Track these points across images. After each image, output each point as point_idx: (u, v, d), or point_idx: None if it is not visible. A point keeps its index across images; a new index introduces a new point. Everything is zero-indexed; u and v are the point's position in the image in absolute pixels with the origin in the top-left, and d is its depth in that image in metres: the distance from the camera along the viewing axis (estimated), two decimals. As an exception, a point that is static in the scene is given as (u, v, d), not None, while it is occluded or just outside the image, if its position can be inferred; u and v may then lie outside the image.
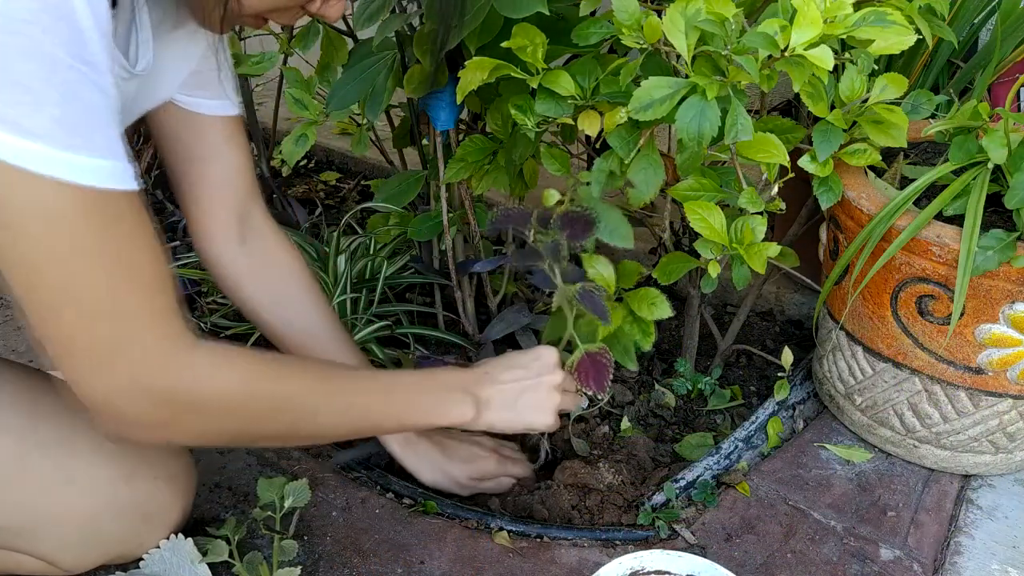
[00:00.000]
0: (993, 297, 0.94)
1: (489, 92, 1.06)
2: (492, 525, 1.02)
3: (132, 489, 0.87)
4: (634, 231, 0.97)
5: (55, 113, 0.57)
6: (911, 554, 1.00)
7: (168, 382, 0.68)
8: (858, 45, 0.88)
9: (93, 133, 0.60)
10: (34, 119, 0.56)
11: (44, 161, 0.57)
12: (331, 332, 1.02)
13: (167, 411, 0.69)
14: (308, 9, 0.73)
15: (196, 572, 0.89)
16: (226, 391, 0.73)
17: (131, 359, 0.66)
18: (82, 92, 0.58)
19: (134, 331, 0.66)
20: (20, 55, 0.54)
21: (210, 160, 0.92)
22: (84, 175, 0.59)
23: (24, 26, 0.54)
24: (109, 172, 0.61)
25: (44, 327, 0.64)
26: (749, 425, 1.15)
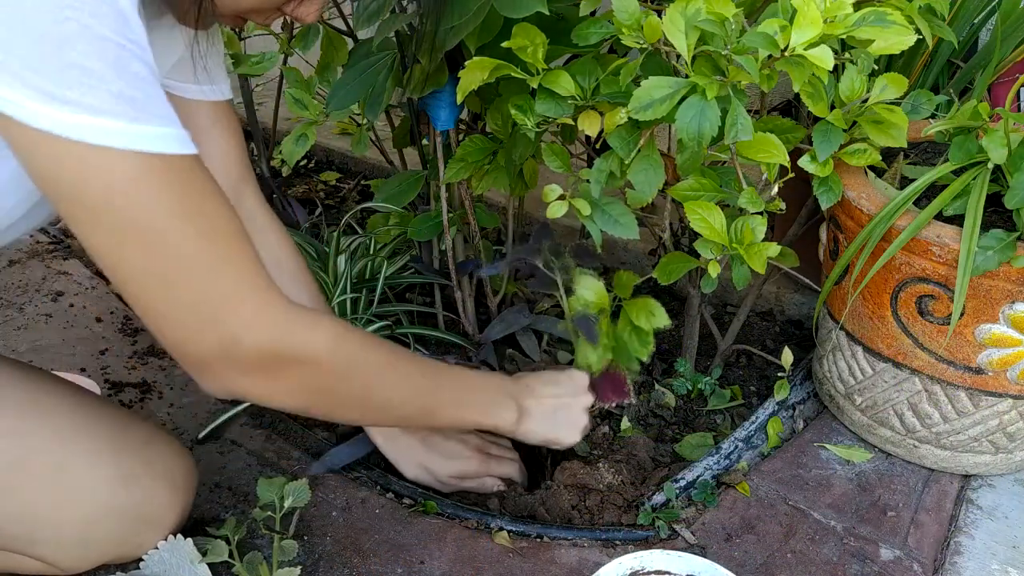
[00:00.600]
0: (993, 297, 0.94)
1: (489, 92, 1.06)
2: (492, 525, 1.02)
3: (131, 490, 0.87)
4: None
5: (114, 88, 0.58)
6: (911, 554, 1.00)
7: (270, 334, 0.70)
8: (858, 45, 0.88)
9: (150, 103, 0.62)
10: (97, 96, 0.58)
11: (114, 135, 0.59)
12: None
13: (274, 364, 0.71)
14: (284, 10, 0.73)
15: (196, 572, 0.89)
16: (317, 346, 0.74)
17: (237, 314, 0.68)
18: (133, 66, 0.60)
19: (235, 288, 0.68)
20: (74, 39, 0.56)
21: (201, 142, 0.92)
22: (153, 143, 0.61)
23: (72, 12, 0.56)
24: (173, 138, 0.63)
25: (144, 296, 0.65)
26: (749, 425, 1.15)
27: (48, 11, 0.55)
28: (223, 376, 0.70)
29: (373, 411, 0.87)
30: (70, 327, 1.38)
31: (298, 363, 0.73)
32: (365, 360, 0.80)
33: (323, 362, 0.75)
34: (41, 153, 0.59)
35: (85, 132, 0.58)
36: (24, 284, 1.49)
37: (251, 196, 1.00)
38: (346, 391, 0.80)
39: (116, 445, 0.87)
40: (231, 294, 0.67)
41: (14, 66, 0.56)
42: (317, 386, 0.77)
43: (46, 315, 1.41)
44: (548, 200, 0.94)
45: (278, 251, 1.02)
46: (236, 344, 0.68)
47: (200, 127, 0.92)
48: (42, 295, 1.46)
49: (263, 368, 0.71)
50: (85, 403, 0.90)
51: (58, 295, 1.46)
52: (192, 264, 0.65)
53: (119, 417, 0.92)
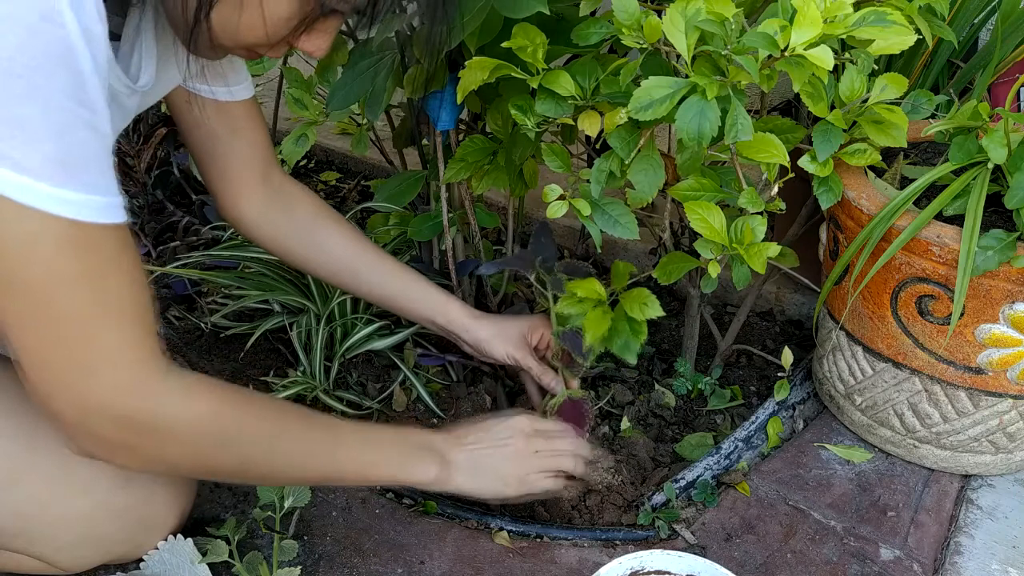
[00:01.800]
0: (993, 297, 0.94)
1: (489, 92, 1.06)
2: (492, 525, 1.02)
3: (131, 490, 0.87)
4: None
5: (47, 151, 0.60)
6: (911, 554, 1.00)
7: (135, 407, 0.70)
8: (858, 45, 0.88)
9: (83, 171, 0.63)
10: (27, 155, 0.59)
11: (31, 194, 0.60)
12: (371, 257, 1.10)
13: (131, 434, 0.71)
14: (292, 43, 0.74)
15: (196, 572, 0.89)
16: (189, 420, 0.74)
17: (102, 382, 0.69)
18: (76, 132, 0.62)
19: (107, 357, 0.68)
20: (20, 98, 0.58)
21: (233, 138, 0.99)
22: (69, 209, 0.62)
23: (26, 71, 0.58)
24: (95, 207, 0.64)
25: (22, 350, 0.67)
26: (749, 425, 1.15)
27: (3, 65, 0.57)
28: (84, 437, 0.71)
29: (259, 479, 0.88)
30: (70, 327, 1.38)
31: (161, 435, 0.73)
32: (242, 431, 0.78)
33: (189, 436, 0.74)
34: None
35: (4, 185, 0.59)
36: (24, 284, 1.49)
37: (277, 172, 1.07)
38: (220, 464, 0.79)
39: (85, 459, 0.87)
40: (102, 359, 0.68)
41: None
42: (184, 460, 0.77)
43: (46, 315, 1.41)
44: (548, 200, 0.94)
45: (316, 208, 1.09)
46: (96, 410, 0.69)
47: (234, 124, 0.98)
48: (42, 295, 1.46)
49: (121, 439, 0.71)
50: (85, 403, 0.89)
51: (58, 295, 1.46)
52: (71, 326, 0.66)
53: (119, 417, 0.91)
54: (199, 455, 0.77)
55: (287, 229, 1.07)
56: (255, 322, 1.28)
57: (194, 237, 1.52)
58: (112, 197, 0.66)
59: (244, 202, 1.04)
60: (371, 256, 1.10)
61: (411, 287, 1.11)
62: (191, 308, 1.40)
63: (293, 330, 1.25)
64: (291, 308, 1.30)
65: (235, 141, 1.00)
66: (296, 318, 1.27)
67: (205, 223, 1.54)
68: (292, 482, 0.93)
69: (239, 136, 0.99)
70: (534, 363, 1.10)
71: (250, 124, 1.00)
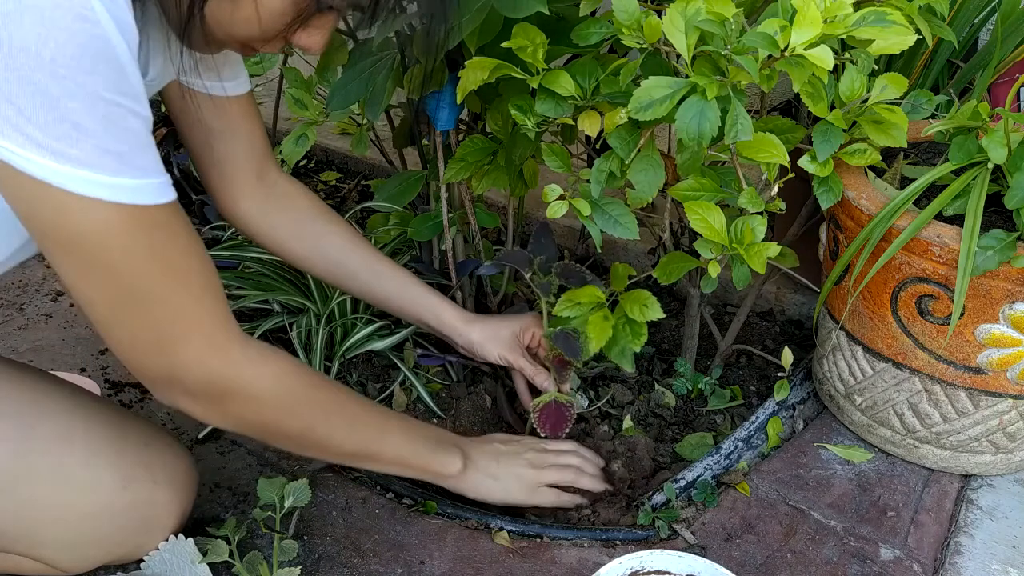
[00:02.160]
0: (993, 297, 0.94)
1: (489, 92, 1.05)
2: (492, 525, 1.02)
3: (131, 492, 0.87)
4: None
5: (100, 143, 0.63)
6: (911, 554, 1.00)
7: (218, 373, 0.77)
8: (858, 45, 0.88)
9: (133, 157, 0.67)
10: (83, 149, 0.63)
11: (91, 185, 0.64)
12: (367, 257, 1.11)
13: (214, 396, 0.78)
14: (288, 39, 0.74)
15: (196, 572, 0.89)
16: (266, 386, 0.81)
17: (187, 353, 0.75)
18: (122, 121, 0.65)
19: (189, 329, 0.75)
20: (67, 96, 0.61)
21: (229, 134, 1.00)
22: (127, 195, 0.66)
23: (69, 71, 0.60)
24: (149, 189, 0.68)
25: (108, 331, 0.73)
26: (749, 425, 1.15)
27: (48, 68, 0.59)
28: (170, 395, 0.78)
29: (313, 447, 0.92)
30: (70, 327, 1.38)
31: (240, 398, 0.80)
32: (309, 401, 0.86)
33: (266, 400, 0.82)
34: (26, 194, 0.64)
35: (67, 180, 0.63)
36: (24, 284, 1.49)
37: (274, 170, 1.07)
38: (287, 427, 0.86)
39: (116, 446, 0.88)
40: (184, 331, 0.74)
41: (13, 117, 0.60)
42: (257, 420, 0.83)
43: (46, 315, 1.41)
44: (548, 200, 0.94)
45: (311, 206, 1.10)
46: (184, 374, 0.76)
47: (231, 119, 0.99)
48: (42, 295, 1.46)
49: (207, 397, 0.78)
50: (85, 403, 0.90)
51: (58, 295, 1.46)
52: (150, 302, 0.72)
53: (119, 417, 0.92)
54: (271, 417, 0.84)
55: (283, 227, 1.08)
56: (255, 322, 1.28)
57: (194, 237, 1.51)
58: (162, 177, 0.70)
59: (240, 199, 1.04)
60: (367, 256, 1.10)
61: (405, 288, 1.12)
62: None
63: (293, 330, 1.26)
64: (291, 308, 1.30)
65: (230, 138, 1.00)
66: (296, 318, 1.27)
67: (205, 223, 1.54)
68: (339, 455, 0.96)
69: (234, 133, 1.00)
70: (526, 364, 1.12)
71: (246, 120, 1.00)
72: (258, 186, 1.05)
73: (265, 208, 1.06)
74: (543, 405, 1.10)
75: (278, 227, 1.07)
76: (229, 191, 1.04)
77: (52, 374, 0.96)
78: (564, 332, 1.05)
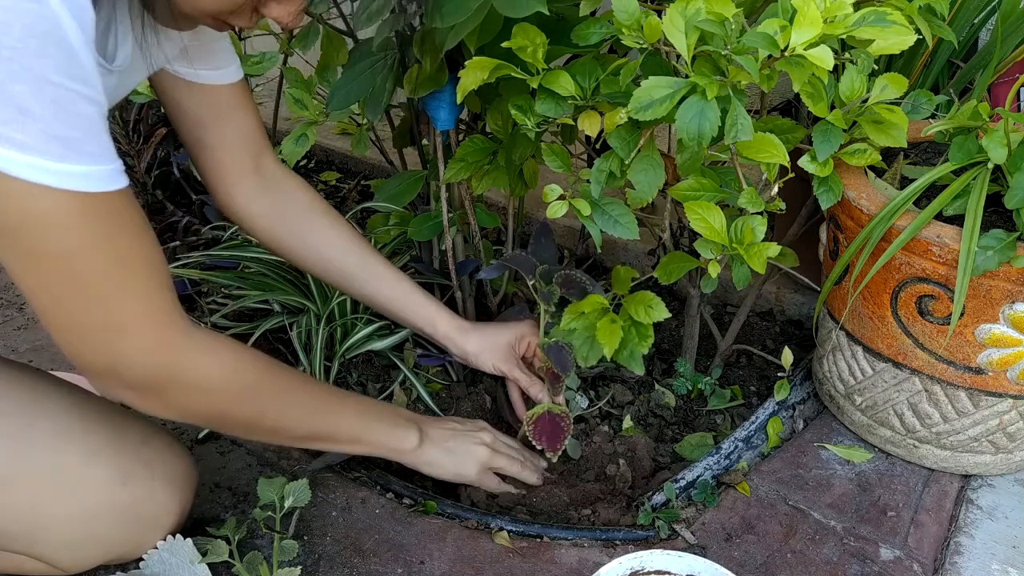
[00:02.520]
0: (993, 297, 0.94)
1: (489, 92, 1.05)
2: (492, 525, 1.02)
3: (129, 491, 0.87)
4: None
5: (47, 128, 0.62)
6: (911, 554, 1.00)
7: (160, 362, 0.75)
8: (858, 45, 0.88)
9: (82, 143, 0.65)
10: (27, 133, 0.61)
11: (36, 171, 0.62)
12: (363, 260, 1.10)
13: (157, 387, 0.76)
14: (260, 11, 0.74)
15: (196, 572, 0.89)
16: (211, 375, 0.80)
17: (129, 342, 0.73)
18: (71, 106, 0.63)
19: (131, 318, 0.73)
20: (12, 78, 0.59)
21: (220, 125, 0.99)
22: (75, 182, 0.65)
23: (15, 52, 0.59)
24: (99, 176, 0.66)
25: (49, 317, 0.71)
26: (749, 425, 1.15)
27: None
28: (111, 386, 0.76)
29: (264, 433, 0.91)
30: (70, 327, 1.38)
31: (184, 387, 0.78)
32: (258, 388, 0.85)
33: (212, 389, 0.80)
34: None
35: (10, 165, 0.61)
36: (24, 284, 1.49)
37: (271, 163, 1.06)
38: (235, 415, 0.85)
39: (115, 445, 0.87)
40: (126, 322, 0.72)
41: None
42: (204, 409, 0.82)
43: (46, 315, 1.41)
44: (548, 200, 0.95)
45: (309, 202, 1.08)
46: (125, 365, 0.74)
47: (219, 110, 0.97)
48: (42, 295, 1.46)
49: (149, 388, 0.76)
50: (84, 403, 0.90)
51: (58, 295, 1.46)
52: (93, 292, 0.70)
53: (118, 417, 0.92)
54: (219, 406, 0.82)
55: (280, 223, 1.07)
56: (255, 322, 1.28)
57: (194, 237, 1.52)
58: (113, 164, 0.68)
59: (236, 193, 1.03)
60: (364, 259, 1.10)
61: (402, 295, 1.12)
62: (191, 308, 1.40)
63: (293, 330, 1.26)
64: (291, 308, 1.30)
65: (223, 128, 0.99)
66: (296, 318, 1.27)
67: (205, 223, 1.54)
68: (291, 439, 0.95)
69: (227, 123, 0.98)
70: (521, 375, 1.13)
71: (238, 110, 0.99)
72: (254, 179, 1.03)
73: (261, 202, 1.05)
74: (537, 417, 1.09)
75: (274, 223, 1.06)
76: (224, 184, 1.03)
77: (51, 374, 0.96)
78: (558, 345, 1.05)
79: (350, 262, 1.09)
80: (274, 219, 1.06)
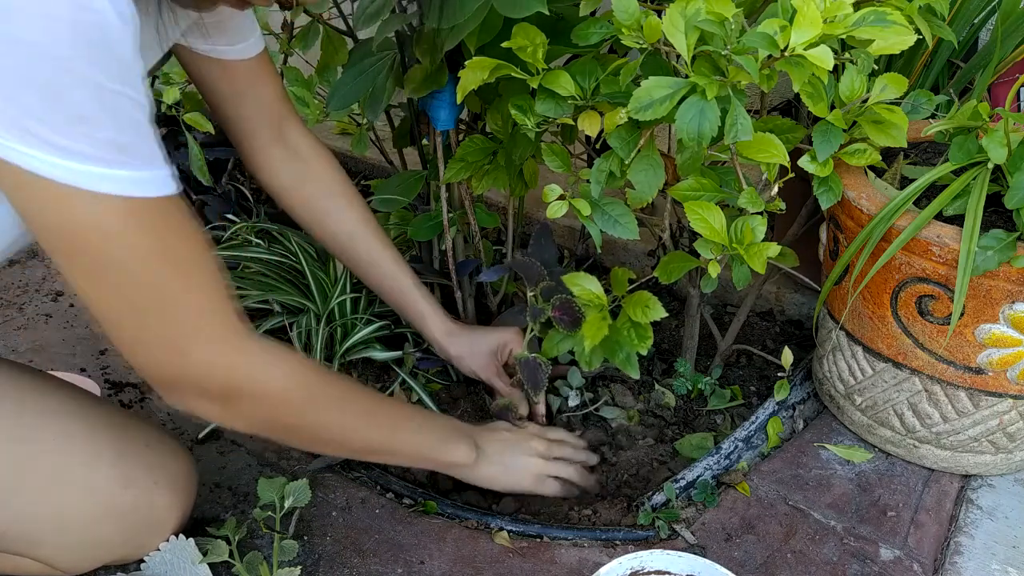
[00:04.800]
0: (993, 297, 0.94)
1: (489, 92, 1.06)
2: (492, 525, 1.02)
3: (131, 494, 0.87)
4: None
5: (103, 136, 0.62)
6: (911, 554, 1.00)
7: (226, 376, 0.75)
8: (858, 45, 0.88)
9: (137, 148, 0.65)
10: (85, 142, 0.61)
11: (95, 179, 0.62)
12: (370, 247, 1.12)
13: (222, 398, 0.76)
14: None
15: (196, 572, 0.89)
16: (276, 388, 0.79)
17: (194, 357, 0.72)
18: (124, 112, 0.63)
19: (195, 330, 0.72)
20: (69, 88, 0.59)
21: (240, 98, 1.00)
22: (132, 187, 0.64)
23: (72, 64, 0.59)
24: (153, 181, 0.66)
25: (114, 328, 0.70)
26: (749, 425, 1.15)
27: (49, 61, 0.58)
28: (182, 396, 0.75)
29: (328, 444, 0.92)
30: (70, 327, 1.38)
31: (253, 398, 0.77)
32: (322, 399, 0.84)
33: (278, 399, 0.79)
34: (28, 192, 0.62)
35: (71, 175, 0.61)
36: (24, 284, 1.49)
37: (294, 130, 1.07)
38: (301, 425, 0.84)
39: (116, 446, 0.87)
40: (195, 330, 0.72)
41: (13, 112, 0.58)
42: (271, 419, 0.81)
43: (46, 315, 1.41)
44: (548, 200, 0.95)
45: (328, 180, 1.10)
46: (197, 374, 0.73)
47: (241, 84, 0.98)
48: (42, 295, 1.46)
49: (220, 397, 0.76)
50: (85, 404, 0.90)
51: (58, 295, 1.46)
52: (160, 301, 0.70)
53: (119, 418, 0.92)
54: (285, 416, 0.82)
55: (299, 200, 1.09)
56: (255, 322, 1.28)
57: (194, 237, 1.52)
58: (167, 168, 0.68)
59: (262, 163, 1.06)
60: (369, 248, 1.12)
61: (400, 289, 1.14)
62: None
63: (293, 330, 1.26)
64: (291, 308, 1.30)
65: (245, 101, 1.00)
66: (296, 318, 1.27)
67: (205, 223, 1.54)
68: (352, 451, 0.96)
69: (248, 95, 0.99)
70: (500, 384, 1.14)
71: (256, 84, 0.99)
72: (278, 150, 1.05)
73: (285, 175, 1.07)
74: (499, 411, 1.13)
75: (295, 199, 1.09)
76: (250, 155, 1.05)
77: (52, 375, 0.96)
78: (534, 362, 1.07)
79: (359, 250, 1.12)
80: (294, 194, 1.09)
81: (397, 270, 1.13)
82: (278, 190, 1.09)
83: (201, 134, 1.41)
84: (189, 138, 1.36)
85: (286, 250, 1.34)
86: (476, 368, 1.15)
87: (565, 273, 1.07)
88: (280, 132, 1.05)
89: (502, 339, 1.14)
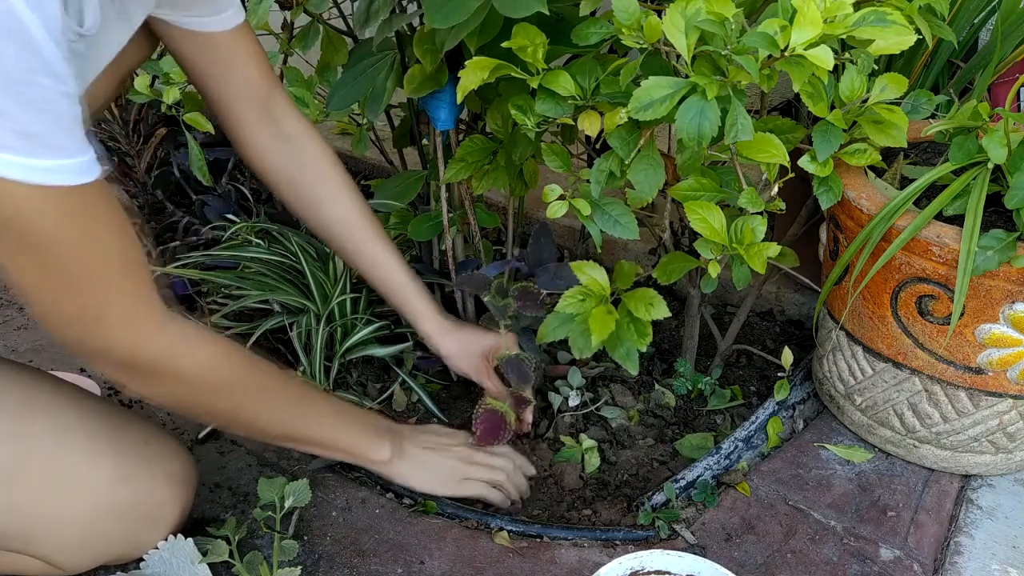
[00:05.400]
0: (993, 297, 0.94)
1: (489, 92, 1.05)
2: (492, 525, 1.02)
3: (130, 490, 0.87)
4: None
5: (16, 127, 0.61)
6: (911, 554, 1.00)
7: (135, 353, 0.77)
8: (858, 45, 0.88)
9: (54, 137, 0.64)
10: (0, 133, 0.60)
11: (11, 167, 0.62)
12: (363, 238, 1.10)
13: (135, 374, 0.78)
14: None
15: (196, 572, 0.89)
16: (187, 368, 0.80)
17: (105, 333, 0.75)
18: (40, 102, 0.62)
19: (107, 311, 0.74)
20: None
21: (220, 76, 0.98)
22: (47, 176, 0.64)
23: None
24: (71, 170, 0.66)
25: (34, 306, 0.72)
26: (749, 425, 1.15)
27: None
28: (104, 368, 0.78)
29: (240, 427, 0.93)
30: (70, 327, 1.38)
31: (168, 378, 0.79)
32: (242, 385, 0.86)
33: (193, 381, 0.81)
34: None
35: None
36: (24, 284, 1.49)
37: (280, 108, 1.04)
38: (212, 408, 0.87)
39: (116, 445, 0.88)
40: (103, 311, 0.74)
41: None
42: (185, 399, 0.84)
43: (46, 315, 1.41)
44: (548, 200, 0.94)
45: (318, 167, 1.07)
46: (108, 350, 0.75)
47: (221, 57, 0.96)
48: (42, 295, 1.46)
49: (133, 372, 0.78)
50: (85, 403, 0.90)
51: (58, 295, 1.46)
52: (69, 281, 0.71)
53: (119, 417, 0.92)
54: (196, 397, 0.84)
55: (290, 186, 1.07)
56: (255, 322, 1.28)
57: (194, 237, 1.52)
58: (85, 156, 0.67)
59: (250, 144, 1.03)
60: (364, 240, 1.10)
61: (395, 285, 1.13)
62: (191, 308, 1.40)
63: (293, 330, 1.25)
64: (291, 308, 1.30)
65: (227, 77, 0.98)
66: (296, 318, 1.27)
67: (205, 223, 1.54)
68: (264, 436, 0.96)
69: (230, 72, 0.97)
70: (490, 385, 1.14)
71: (239, 57, 0.97)
72: (266, 130, 1.03)
73: (275, 157, 1.05)
74: (485, 409, 1.10)
75: (286, 184, 1.07)
76: (237, 135, 1.03)
77: (52, 374, 0.96)
78: (517, 359, 1.07)
79: (351, 240, 1.10)
80: (285, 178, 1.06)
81: (393, 265, 1.12)
82: (271, 173, 1.06)
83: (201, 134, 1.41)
84: (189, 138, 1.36)
85: (286, 250, 1.34)
86: (467, 368, 1.14)
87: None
88: (268, 112, 1.02)
89: (495, 341, 1.14)
